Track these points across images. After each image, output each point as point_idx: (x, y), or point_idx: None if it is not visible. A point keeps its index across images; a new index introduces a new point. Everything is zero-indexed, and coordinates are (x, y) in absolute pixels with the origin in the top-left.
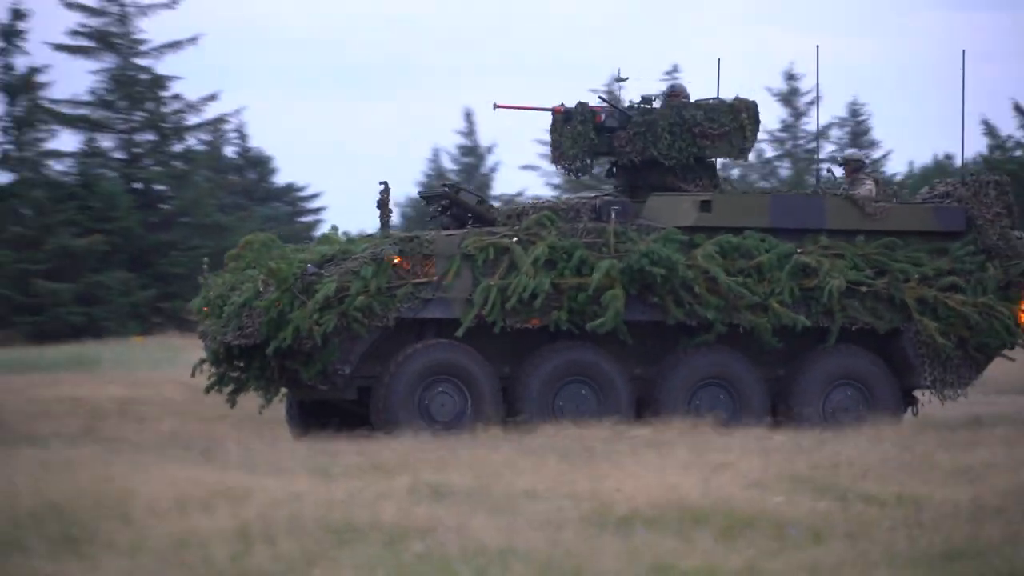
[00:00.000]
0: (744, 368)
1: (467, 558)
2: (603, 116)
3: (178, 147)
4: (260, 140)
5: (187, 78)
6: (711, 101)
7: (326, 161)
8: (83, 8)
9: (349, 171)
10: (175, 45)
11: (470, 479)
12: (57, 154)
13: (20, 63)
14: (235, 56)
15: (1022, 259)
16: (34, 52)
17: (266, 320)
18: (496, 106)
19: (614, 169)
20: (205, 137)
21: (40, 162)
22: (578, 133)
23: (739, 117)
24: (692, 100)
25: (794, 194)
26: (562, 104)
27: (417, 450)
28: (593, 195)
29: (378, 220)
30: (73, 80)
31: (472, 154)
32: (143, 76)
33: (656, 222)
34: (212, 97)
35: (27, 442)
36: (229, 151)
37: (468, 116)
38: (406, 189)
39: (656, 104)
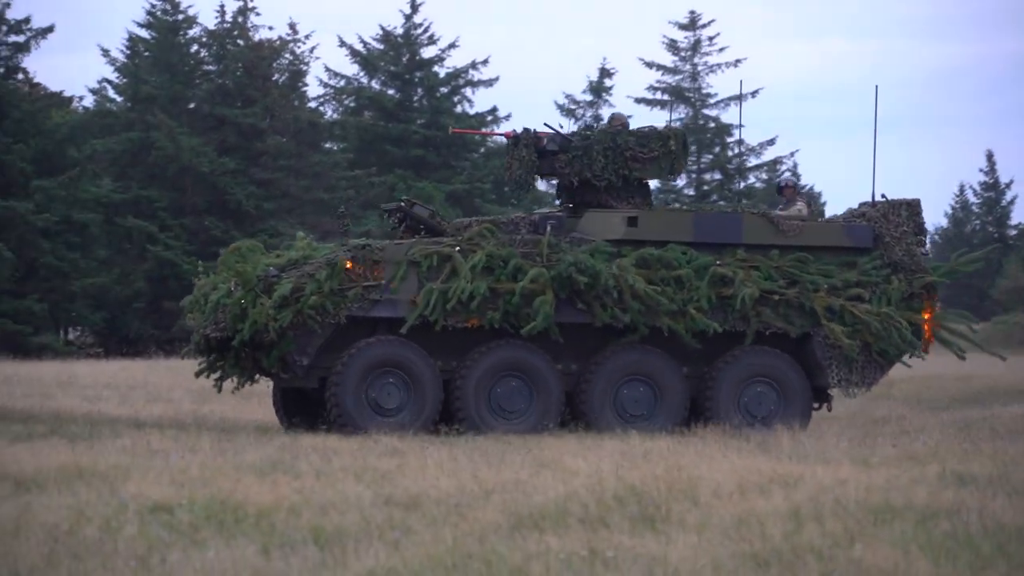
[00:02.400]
0: (667, 366)
1: (988, 535)
2: (545, 141)
3: (740, 185)
4: (811, 178)
5: (747, 126)
6: (644, 129)
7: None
8: (660, 67)
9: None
10: (738, 98)
11: (991, 467)
12: None
13: (606, 114)
14: (790, 106)
15: (926, 273)
16: (618, 104)
17: (231, 315)
18: (452, 131)
19: (557, 189)
20: (763, 176)
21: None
22: (523, 156)
23: (668, 143)
24: (630, 128)
25: (715, 212)
26: (513, 130)
27: (944, 443)
28: (545, 212)
29: (340, 231)
30: None
31: (992, 189)
32: (711, 124)
33: (589, 236)
34: (770, 142)
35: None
36: None
37: (989, 156)
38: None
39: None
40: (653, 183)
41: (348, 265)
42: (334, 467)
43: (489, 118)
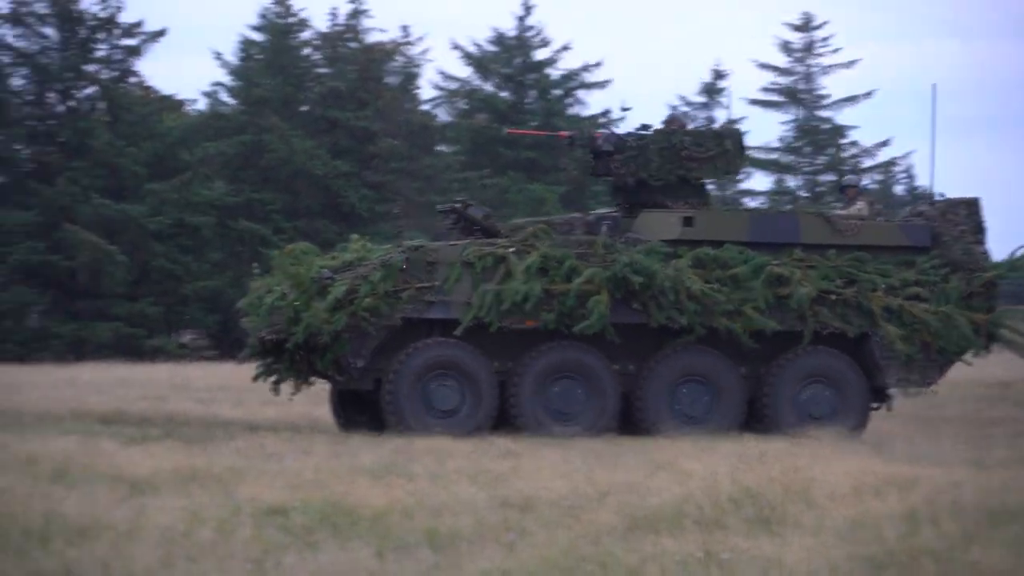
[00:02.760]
0: (724, 366)
1: None
2: (600, 141)
3: None
4: (927, 179)
5: (862, 126)
6: (700, 129)
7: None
8: (775, 69)
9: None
10: (852, 99)
11: None
12: (751, 193)
13: (719, 115)
14: (906, 106)
15: (985, 271)
16: (732, 106)
17: (285, 318)
18: (508, 132)
19: (613, 189)
20: (878, 177)
21: (737, 200)
22: (579, 157)
23: (723, 143)
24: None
25: (772, 212)
26: (569, 131)
27: None
28: (600, 213)
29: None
30: (765, 130)
31: None
32: (824, 126)
33: (645, 236)
34: (884, 143)
35: None
36: (898, 189)
37: None
38: None
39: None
40: (762, 184)
41: (403, 267)
42: (448, 469)
43: (602, 120)
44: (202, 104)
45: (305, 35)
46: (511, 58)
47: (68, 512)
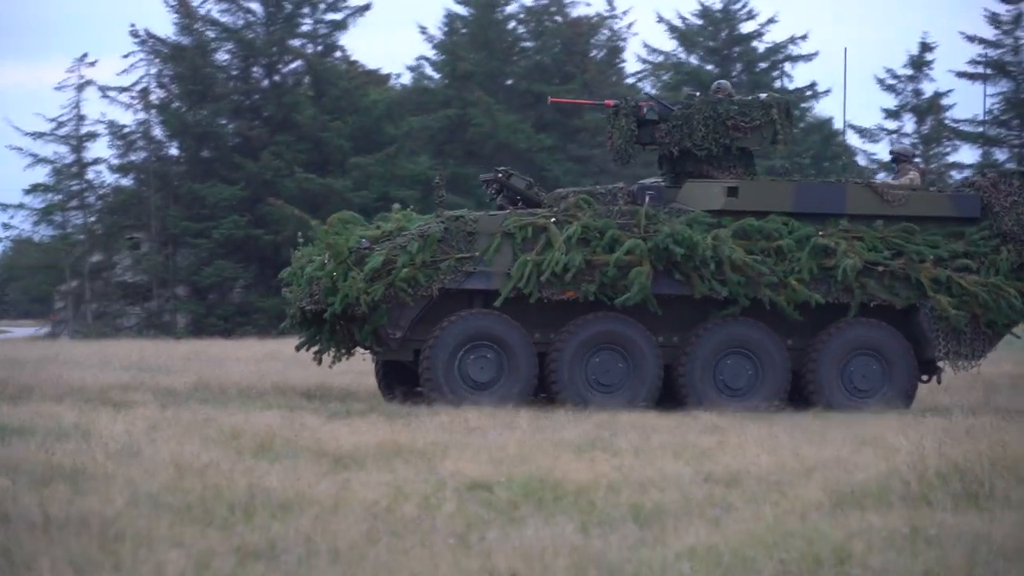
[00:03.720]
0: (768, 339)
1: None
2: (645, 110)
3: None
4: None
5: None
6: (747, 98)
7: None
8: (982, 41)
9: None
10: None
11: None
12: (957, 166)
13: (927, 88)
14: None
15: None
16: (938, 79)
17: (324, 289)
18: (551, 100)
19: (659, 159)
20: None
21: (945, 174)
22: (623, 126)
23: (770, 112)
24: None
25: (818, 182)
26: (614, 100)
27: None
28: (645, 183)
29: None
30: (971, 102)
31: None
32: None
33: (689, 206)
34: None
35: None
36: None
37: None
38: None
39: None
40: (969, 157)
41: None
42: (653, 444)
43: (808, 93)
44: (407, 78)
45: (510, 9)
46: (717, 31)
47: (272, 486)
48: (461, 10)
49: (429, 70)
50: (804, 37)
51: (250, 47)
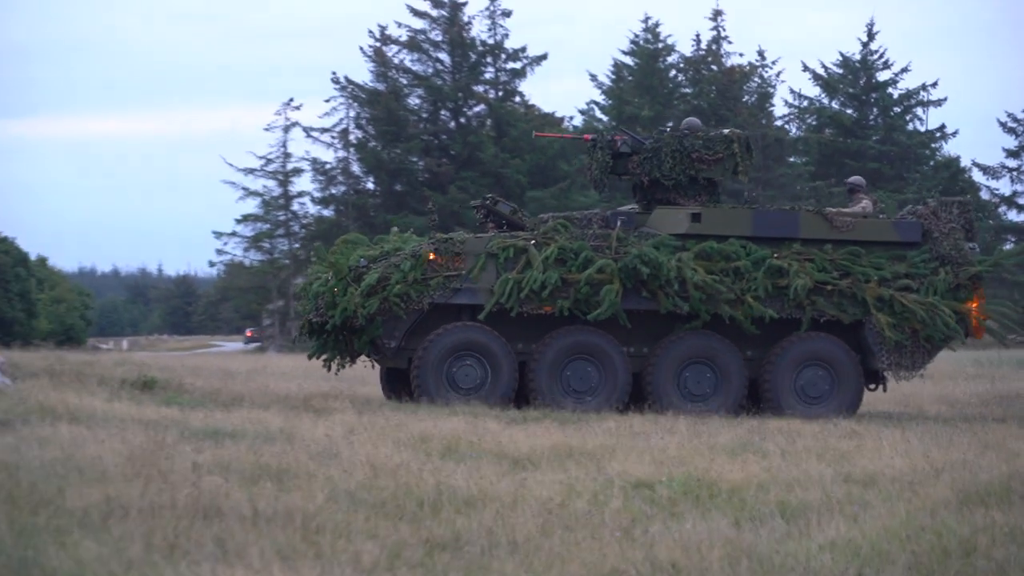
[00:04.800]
0: (727, 350)
1: None
2: (619, 144)
3: None
4: None
5: None
6: (711, 133)
7: None
8: None
9: None
10: None
11: None
12: None
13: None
14: None
15: (972, 266)
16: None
17: (326, 303)
18: (535, 135)
19: (633, 188)
20: None
21: None
22: (599, 158)
23: (732, 146)
24: (704, 133)
25: (774, 210)
26: (591, 134)
27: None
28: (620, 209)
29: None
30: None
31: None
32: None
33: (658, 230)
34: None
35: None
36: None
37: None
38: None
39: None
40: None
41: (432, 256)
42: (798, 448)
43: (938, 134)
44: (578, 120)
45: (671, 59)
46: (856, 79)
47: (457, 485)
48: (628, 60)
49: (598, 113)
50: (935, 84)
51: (439, 92)
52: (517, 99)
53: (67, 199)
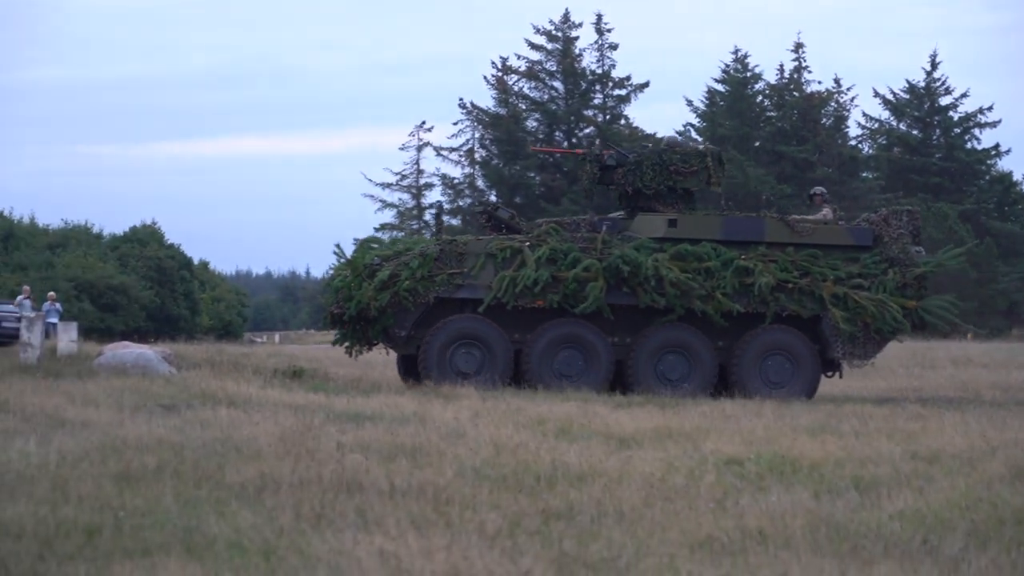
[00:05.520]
0: (699, 340)
1: None
2: (606, 158)
3: None
4: None
5: None
6: (688, 148)
7: None
8: None
9: None
10: None
11: None
12: None
13: None
14: None
15: (917, 267)
16: None
17: (344, 296)
18: (532, 149)
19: (618, 197)
20: None
21: None
22: (588, 170)
23: (705, 160)
24: (683, 148)
25: (742, 216)
26: (582, 149)
27: None
28: (609, 216)
29: (435, 230)
30: None
31: None
32: None
33: (639, 234)
34: None
35: None
36: None
37: None
38: None
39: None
40: None
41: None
42: (870, 428)
43: (993, 152)
44: None
45: (758, 86)
46: (921, 103)
47: (570, 461)
48: (719, 87)
49: (693, 133)
50: (990, 108)
51: (553, 116)
52: (623, 121)
53: (226, 210)
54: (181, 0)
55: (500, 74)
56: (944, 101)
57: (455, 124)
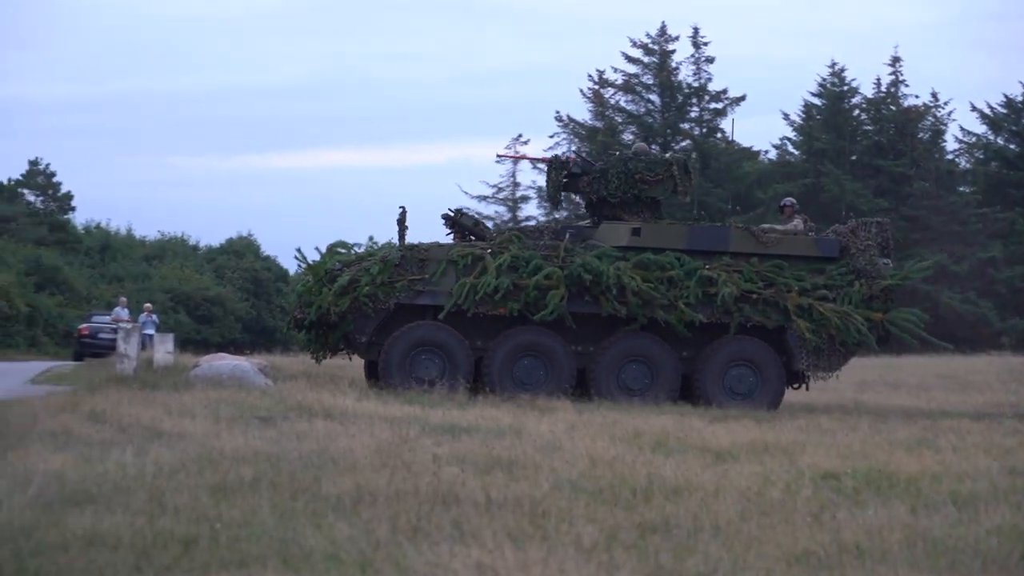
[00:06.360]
0: (662, 350)
1: None
2: (572, 165)
3: None
4: None
5: None
6: (654, 157)
7: None
8: None
9: None
10: None
11: None
12: None
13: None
14: None
15: (884, 279)
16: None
17: (304, 302)
18: (497, 155)
19: (585, 204)
20: None
21: None
22: (554, 178)
23: (671, 169)
24: (650, 156)
25: (707, 225)
26: (548, 158)
27: None
28: (574, 224)
29: (397, 235)
30: None
31: None
32: None
33: (604, 243)
34: None
35: None
36: None
37: None
38: None
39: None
40: None
41: (397, 262)
42: (968, 444)
43: None
44: (772, 154)
45: (855, 100)
46: (1017, 117)
47: (666, 475)
48: (816, 100)
49: (790, 147)
50: None
51: (649, 129)
52: (719, 135)
53: (322, 221)
54: (269, 12)
55: (596, 87)
56: None
57: (551, 137)
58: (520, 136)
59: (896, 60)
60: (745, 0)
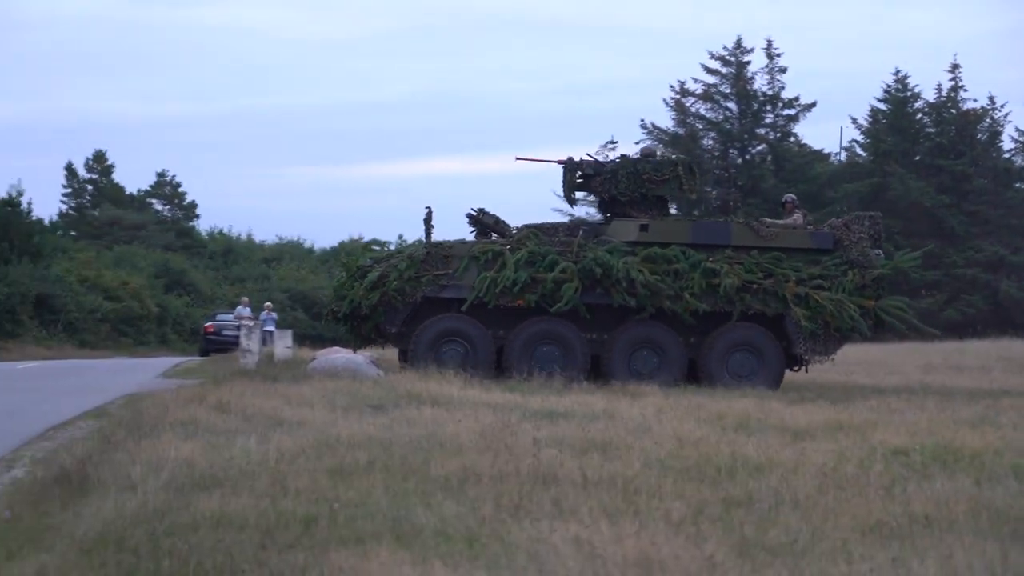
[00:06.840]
0: (669, 337)
1: None
2: (584, 167)
3: None
4: None
5: None
6: (661, 158)
7: None
8: None
9: None
10: None
11: None
12: None
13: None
14: None
15: (875, 269)
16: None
17: (338, 295)
18: (516, 158)
19: (598, 203)
20: None
21: None
22: (569, 179)
23: (676, 169)
24: (657, 157)
25: (709, 221)
26: (563, 160)
27: None
28: (588, 221)
29: (423, 233)
30: None
31: None
32: None
33: (614, 238)
34: None
35: None
36: None
37: None
38: None
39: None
40: None
41: (423, 259)
42: None
43: None
44: (842, 156)
45: (918, 104)
46: None
47: (748, 453)
48: (881, 106)
49: (858, 149)
50: None
51: (728, 135)
52: (792, 139)
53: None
54: (375, 34)
55: (678, 97)
56: None
57: (636, 143)
58: (609, 141)
59: (955, 67)
60: (815, 14)
